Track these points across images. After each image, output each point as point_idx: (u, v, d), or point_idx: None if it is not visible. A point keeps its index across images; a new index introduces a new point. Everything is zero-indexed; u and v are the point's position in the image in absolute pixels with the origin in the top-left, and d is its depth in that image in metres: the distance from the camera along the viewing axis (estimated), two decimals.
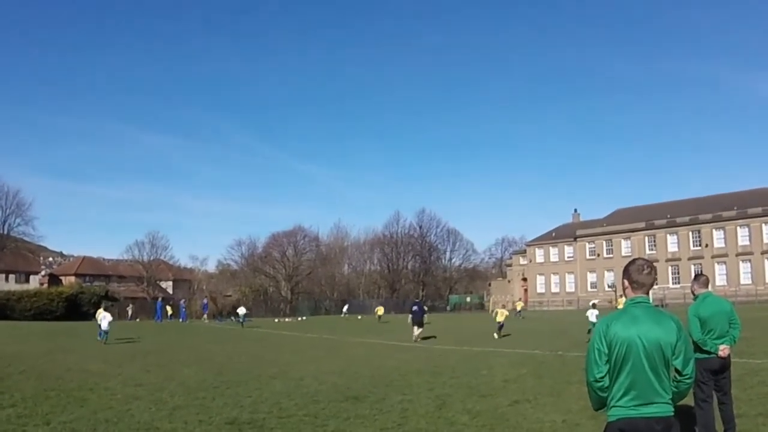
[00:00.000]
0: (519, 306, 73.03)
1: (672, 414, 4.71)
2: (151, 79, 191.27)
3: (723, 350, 8.83)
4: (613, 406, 4.73)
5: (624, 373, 4.68)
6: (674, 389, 4.80)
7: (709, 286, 9.53)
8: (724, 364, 8.90)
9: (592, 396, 4.93)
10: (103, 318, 34.02)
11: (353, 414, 12.15)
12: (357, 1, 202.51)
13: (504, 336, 34.35)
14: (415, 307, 35.59)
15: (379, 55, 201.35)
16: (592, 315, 35.58)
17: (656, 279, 5.03)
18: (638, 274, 4.92)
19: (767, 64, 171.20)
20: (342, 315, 66.81)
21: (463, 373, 18.34)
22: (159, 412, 12.69)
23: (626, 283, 5.00)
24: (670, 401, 4.72)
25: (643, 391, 4.64)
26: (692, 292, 9.54)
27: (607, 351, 4.74)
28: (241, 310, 62.40)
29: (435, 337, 35.79)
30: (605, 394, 4.80)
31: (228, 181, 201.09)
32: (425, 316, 36.02)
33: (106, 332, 33.41)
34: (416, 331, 34.44)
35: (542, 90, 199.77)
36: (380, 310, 70.05)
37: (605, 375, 4.77)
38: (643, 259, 5.09)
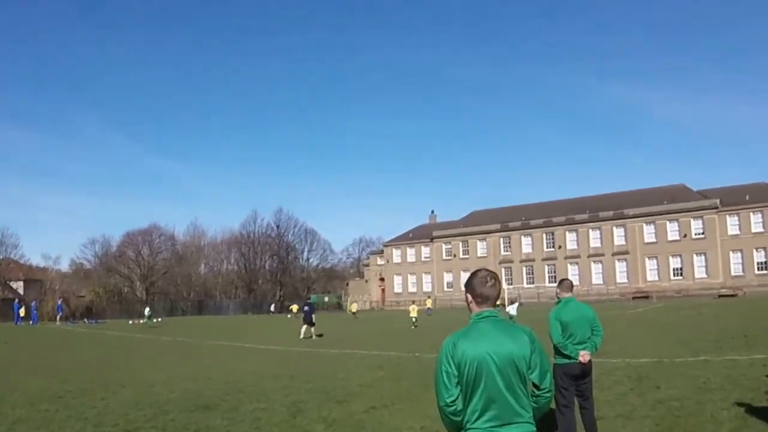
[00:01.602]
0: (354, 307, 74.37)
1: None
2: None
3: (583, 356, 8.81)
4: (469, 429, 4.34)
5: (477, 394, 4.30)
6: (534, 405, 4.42)
7: (573, 290, 9.55)
8: (585, 369, 8.90)
9: (446, 421, 4.50)
10: None
11: (203, 425, 11.72)
12: None
13: (318, 336, 35.91)
14: (306, 307, 37.53)
15: (237, 48, 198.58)
16: (512, 309, 40.10)
17: (500, 290, 4.74)
18: (482, 286, 4.58)
19: (617, 74, 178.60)
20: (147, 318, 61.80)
21: (319, 377, 18.12)
22: None
23: (470, 297, 4.66)
24: (531, 420, 4.37)
25: (501, 411, 4.28)
26: (556, 296, 9.52)
27: (456, 372, 4.35)
28: (147, 311, 62.41)
29: (322, 335, 37.06)
30: (459, 418, 4.39)
31: (81, 176, 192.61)
32: (314, 315, 37.36)
33: None
34: (303, 329, 36.31)
35: (401, 90, 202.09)
36: (353, 307, 73.59)
37: (456, 398, 4.36)
38: (486, 270, 4.71)
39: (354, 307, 73.57)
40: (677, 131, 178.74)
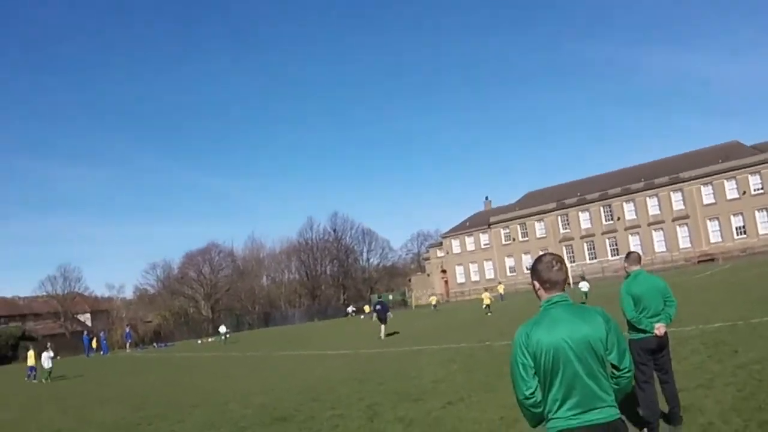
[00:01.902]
0: (433, 300, 75.85)
1: (617, 417, 4.18)
2: (45, 102, 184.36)
3: (659, 329, 8.51)
4: (551, 419, 4.19)
5: (556, 383, 4.15)
6: (615, 386, 4.27)
7: (641, 262, 9.22)
8: (661, 342, 8.61)
9: (527, 414, 4.34)
10: (46, 357, 36.00)
11: None
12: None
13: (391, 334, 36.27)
14: (378, 306, 37.71)
15: (275, 60, 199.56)
16: (584, 286, 41.33)
17: (568, 274, 4.47)
18: (548, 271, 4.38)
19: (658, 39, 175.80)
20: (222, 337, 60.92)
21: (391, 377, 17.90)
22: None
23: (537, 284, 4.47)
24: (613, 403, 4.20)
25: (582, 397, 4.11)
26: (625, 270, 9.22)
27: (532, 363, 4.21)
28: (222, 329, 61.97)
29: (398, 332, 37.40)
30: (539, 410, 4.25)
31: (135, 204, 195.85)
32: (389, 313, 37.47)
33: (49, 370, 35.34)
34: (382, 328, 35.83)
35: (440, 81, 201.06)
36: (433, 299, 76.42)
37: (535, 390, 4.22)
38: (551, 254, 4.52)
39: (433, 300, 75.65)
40: (723, 89, 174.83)
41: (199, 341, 71.73)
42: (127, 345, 69.91)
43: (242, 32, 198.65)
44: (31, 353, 38.14)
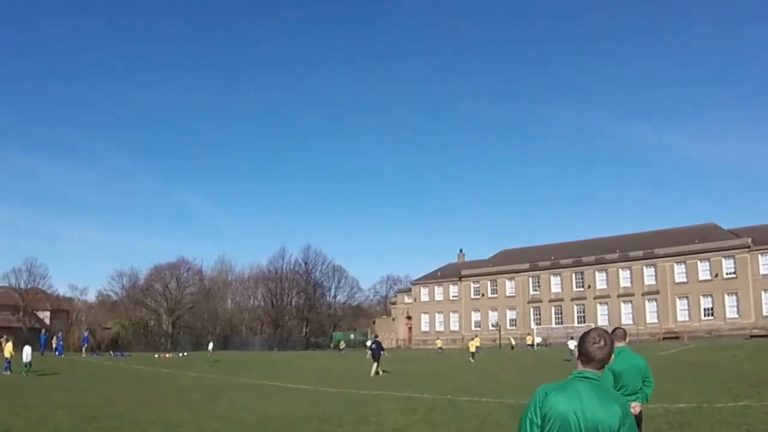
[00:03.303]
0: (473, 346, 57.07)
1: None
2: (30, 94, 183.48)
3: (634, 407, 8.47)
4: None
5: None
6: None
7: (626, 339, 9.22)
8: (636, 421, 8.53)
9: None
10: (27, 351, 36.52)
11: None
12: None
13: (384, 372, 37.10)
14: (374, 345, 39.60)
15: (267, 87, 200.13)
16: (572, 344, 44.52)
17: (611, 354, 4.38)
18: (590, 345, 4.33)
19: (643, 114, 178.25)
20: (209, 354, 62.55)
21: (351, 420, 17.68)
22: None
23: (578, 353, 4.45)
24: None
25: None
26: None
27: (539, 423, 4.19)
28: (210, 346, 64.57)
29: (388, 371, 38.57)
30: None
31: (110, 209, 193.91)
32: (382, 353, 39.05)
33: (29, 363, 36.13)
34: (374, 366, 37.26)
35: (425, 133, 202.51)
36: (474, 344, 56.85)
37: None
38: (600, 330, 4.47)
39: (473, 347, 56.26)
40: (706, 170, 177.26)
41: (157, 355, 70.85)
42: (84, 349, 68.88)
43: (232, 46, 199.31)
44: (9, 345, 37.95)
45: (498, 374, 36.79)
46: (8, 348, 37.86)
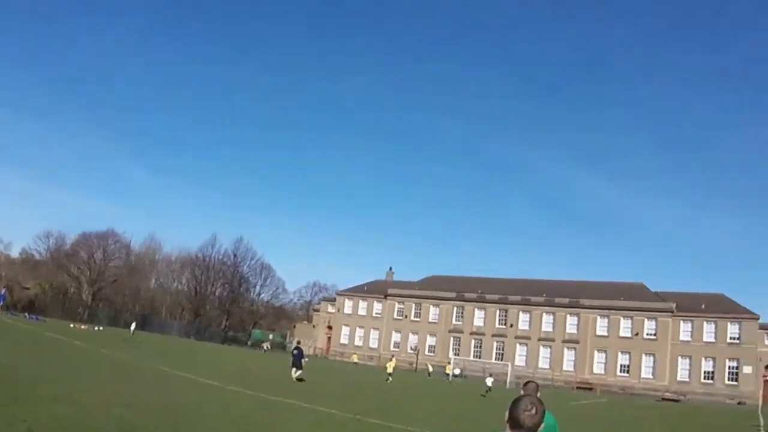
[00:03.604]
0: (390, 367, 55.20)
1: None
2: None
3: None
4: None
5: None
6: None
7: (538, 393, 9.28)
8: None
9: None
10: None
11: None
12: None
13: (300, 380, 36.84)
14: (295, 351, 40.23)
15: (226, 63, 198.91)
16: (489, 381, 48.83)
17: (541, 422, 4.41)
18: (521, 412, 4.21)
19: (590, 162, 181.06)
20: (131, 333, 62.81)
21: (257, 425, 17.62)
22: None
23: (507, 419, 4.30)
24: None
25: None
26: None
27: None
28: (133, 325, 66.57)
29: (303, 380, 38.10)
30: None
31: (48, 164, 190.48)
32: (303, 360, 39.94)
33: None
34: (295, 372, 38.10)
35: (380, 142, 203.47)
36: (390, 366, 54.29)
37: None
38: (533, 398, 4.37)
39: (390, 367, 54.67)
40: (642, 230, 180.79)
41: (72, 325, 69.73)
42: None
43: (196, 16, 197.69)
44: None
45: (412, 400, 37.02)
46: None
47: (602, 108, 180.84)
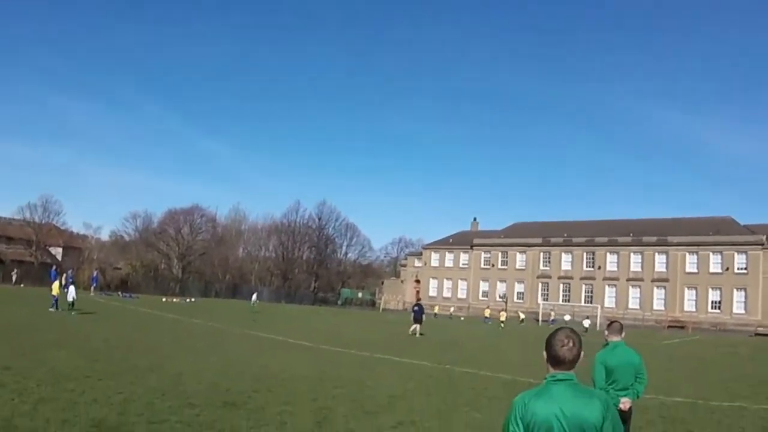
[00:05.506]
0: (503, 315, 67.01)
1: None
2: (63, 37, 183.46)
3: (624, 403, 8.53)
4: None
5: None
6: None
7: (622, 334, 9.15)
8: (624, 416, 8.53)
9: None
10: (72, 289, 39.25)
11: (228, 425, 11.40)
12: None
13: (421, 334, 36.03)
14: (416, 308, 42.74)
15: (294, 43, 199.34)
16: (586, 323, 52.83)
17: (580, 353, 4.32)
18: (558, 348, 4.23)
19: (670, 99, 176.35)
20: (252, 304, 63.69)
21: (348, 382, 17.80)
22: (22, 405, 11.74)
23: (545, 356, 4.32)
24: None
25: None
26: (605, 338, 9.15)
27: None
28: (254, 297, 66.55)
29: (423, 334, 41.04)
30: None
31: (132, 151, 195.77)
32: (423, 315, 42.55)
33: (73, 301, 38.53)
34: (414, 327, 41.33)
35: (455, 95, 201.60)
36: (503, 316, 65.23)
37: None
38: (568, 330, 4.35)
39: (503, 316, 66.35)
40: (729, 162, 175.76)
41: (164, 299, 71.38)
42: (92, 288, 69.36)
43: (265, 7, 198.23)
44: (55, 284, 39.12)
45: (506, 348, 37.08)
46: (55, 287, 39.01)
47: (687, 43, 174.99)
